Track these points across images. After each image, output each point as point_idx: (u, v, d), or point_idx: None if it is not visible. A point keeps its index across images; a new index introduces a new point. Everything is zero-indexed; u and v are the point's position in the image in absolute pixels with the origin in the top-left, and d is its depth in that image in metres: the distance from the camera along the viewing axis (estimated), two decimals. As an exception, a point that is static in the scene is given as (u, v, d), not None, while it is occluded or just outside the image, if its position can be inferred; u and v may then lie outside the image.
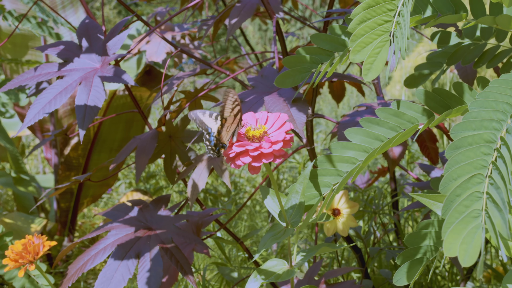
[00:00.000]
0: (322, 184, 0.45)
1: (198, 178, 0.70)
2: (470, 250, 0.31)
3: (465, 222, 0.32)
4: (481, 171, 0.33)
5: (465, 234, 0.31)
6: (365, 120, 0.44)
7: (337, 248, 0.48)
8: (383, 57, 0.40)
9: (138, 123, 1.38)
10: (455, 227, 0.31)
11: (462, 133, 0.36)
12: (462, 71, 0.77)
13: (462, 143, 0.35)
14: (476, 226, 0.31)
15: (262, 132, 0.41)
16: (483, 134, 0.35)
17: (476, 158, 0.34)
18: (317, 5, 4.89)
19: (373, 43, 0.40)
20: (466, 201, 0.32)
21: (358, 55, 0.40)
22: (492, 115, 0.36)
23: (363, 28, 0.40)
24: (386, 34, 0.40)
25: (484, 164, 0.34)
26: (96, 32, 0.69)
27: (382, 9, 0.40)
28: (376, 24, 0.40)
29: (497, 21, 0.45)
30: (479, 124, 0.36)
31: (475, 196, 0.32)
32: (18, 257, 0.60)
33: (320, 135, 2.47)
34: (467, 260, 0.31)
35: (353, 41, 0.41)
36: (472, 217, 0.32)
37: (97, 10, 4.90)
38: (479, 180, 0.33)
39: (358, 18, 0.40)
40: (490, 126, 0.35)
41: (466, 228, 0.32)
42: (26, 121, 0.59)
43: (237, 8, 0.81)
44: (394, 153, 0.75)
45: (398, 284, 0.43)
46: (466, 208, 0.32)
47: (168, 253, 0.65)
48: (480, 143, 0.34)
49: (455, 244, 0.31)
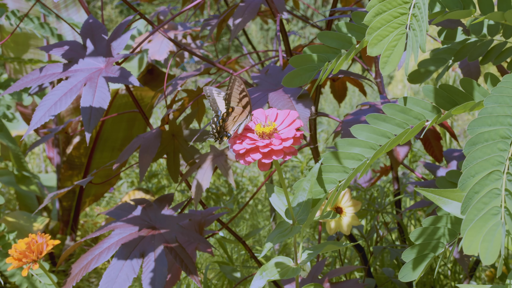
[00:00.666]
0: (327, 181, 0.45)
1: (202, 177, 0.70)
2: (491, 248, 0.31)
3: (484, 219, 0.31)
4: (499, 167, 0.33)
5: (485, 231, 0.31)
6: (371, 116, 0.44)
7: (342, 246, 0.48)
8: (399, 50, 0.40)
9: (140, 121, 1.37)
10: (474, 224, 0.31)
11: (478, 129, 0.35)
12: (465, 69, 0.77)
13: (479, 139, 0.34)
14: (496, 224, 0.31)
15: (272, 129, 0.41)
16: (499, 130, 0.34)
17: (493, 155, 0.33)
18: (319, 5, 4.89)
19: (390, 36, 0.40)
20: (485, 198, 0.32)
21: (375, 48, 0.40)
22: (506, 111, 0.35)
23: (379, 20, 0.40)
24: (402, 27, 0.40)
25: (501, 161, 0.33)
26: (100, 32, 0.69)
27: (398, 1, 0.40)
28: (392, 16, 0.40)
29: (506, 16, 0.44)
30: (494, 119, 0.35)
31: (494, 193, 0.32)
32: (21, 256, 0.60)
33: (322, 134, 2.47)
34: (489, 258, 0.31)
35: (370, 34, 0.40)
36: (492, 214, 0.31)
37: (98, 9, 4.90)
38: (497, 177, 0.33)
39: (374, 10, 0.40)
40: (505, 122, 0.35)
41: (485, 225, 0.31)
42: (32, 123, 0.59)
43: (241, 8, 0.80)
44: (398, 152, 0.74)
45: (404, 280, 0.42)
46: (485, 205, 0.32)
47: (172, 252, 0.65)
48: (496, 139, 0.34)
49: (476, 242, 0.31)
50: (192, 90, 0.87)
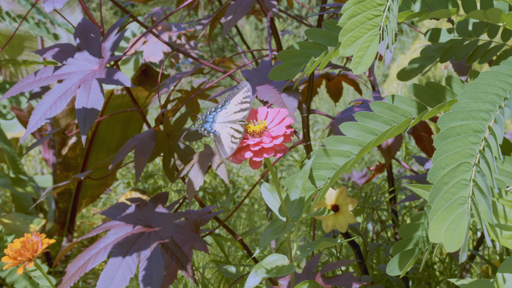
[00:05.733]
0: (317, 178, 0.46)
1: (196, 175, 0.70)
2: (455, 236, 0.32)
3: (451, 209, 0.32)
4: (469, 159, 0.34)
5: (450, 220, 0.32)
6: (359, 114, 0.45)
7: (335, 243, 0.49)
8: (372, 51, 0.41)
9: (135, 122, 1.38)
10: (441, 213, 0.32)
11: (450, 123, 0.36)
12: (457, 66, 0.78)
13: (450, 133, 0.35)
14: (462, 213, 0.32)
15: (262, 127, 0.41)
16: (471, 124, 0.35)
17: (464, 147, 0.34)
18: (313, 4, 4.90)
19: (363, 37, 0.41)
20: (453, 188, 0.33)
21: (348, 49, 0.41)
22: (480, 106, 0.36)
23: (353, 22, 0.41)
24: (375, 29, 0.41)
25: (472, 153, 0.34)
26: (93, 33, 0.70)
27: (372, 4, 0.41)
28: (366, 18, 0.41)
29: (487, 14, 0.45)
30: (467, 114, 0.36)
31: (462, 183, 0.33)
32: (16, 255, 0.61)
33: (318, 133, 2.48)
34: (452, 245, 0.32)
35: (343, 35, 0.41)
36: (458, 204, 0.32)
37: (93, 11, 4.89)
38: (466, 168, 0.34)
39: (348, 12, 0.41)
40: (478, 116, 0.36)
41: (452, 214, 0.32)
42: (29, 127, 0.60)
43: (233, 6, 0.81)
44: (389, 146, 0.75)
45: (391, 274, 0.43)
46: (453, 196, 0.33)
47: (168, 251, 0.65)
48: (468, 132, 0.35)
49: (440, 230, 0.32)
50: (187, 90, 0.88)
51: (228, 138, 0.40)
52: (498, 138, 0.34)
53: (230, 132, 0.41)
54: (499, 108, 0.36)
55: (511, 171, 0.41)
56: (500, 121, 0.35)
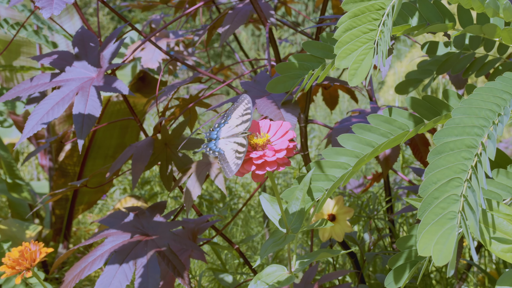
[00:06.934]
0: (314, 189, 0.46)
1: (194, 185, 0.70)
2: (444, 250, 0.32)
3: (440, 223, 0.33)
4: (461, 175, 0.34)
5: (439, 234, 0.32)
6: (357, 126, 0.46)
7: (335, 254, 0.49)
8: (367, 64, 0.41)
9: (133, 129, 1.38)
10: (430, 228, 0.32)
11: (444, 139, 0.37)
12: (454, 78, 0.78)
13: (444, 149, 0.36)
14: (451, 227, 0.32)
15: (265, 140, 0.41)
16: (465, 139, 0.36)
17: (456, 163, 0.35)
18: (310, 11, 4.93)
19: (358, 50, 0.41)
20: (443, 203, 0.33)
21: (343, 61, 0.42)
22: (474, 122, 0.37)
23: (348, 35, 0.41)
24: (370, 42, 0.41)
25: (464, 168, 0.35)
26: (91, 41, 0.70)
27: (368, 18, 0.42)
28: (361, 32, 0.41)
29: (484, 30, 0.46)
30: (461, 130, 0.37)
31: (452, 198, 0.33)
32: (15, 264, 0.61)
33: (314, 140, 2.49)
34: (441, 259, 0.32)
35: (339, 47, 0.42)
36: (448, 219, 0.33)
37: (90, 16, 4.90)
38: (457, 184, 0.34)
39: (344, 26, 0.42)
40: (472, 132, 0.36)
41: (441, 229, 0.33)
42: (25, 132, 0.60)
43: (231, 15, 0.82)
44: (387, 157, 0.76)
45: (389, 287, 0.43)
46: (443, 210, 0.33)
47: (165, 259, 0.65)
48: (461, 148, 0.35)
49: (430, 244, 0.32)
50: (184, 98, 0.88)
51: (233, 155, 0.40)
52: (490, 154, 0.34)
53: (234, 148, 0.41)
54: (493, 124, 0.37)
55: (507, 184, 0.41)
56: (493, 137, 0.36)
